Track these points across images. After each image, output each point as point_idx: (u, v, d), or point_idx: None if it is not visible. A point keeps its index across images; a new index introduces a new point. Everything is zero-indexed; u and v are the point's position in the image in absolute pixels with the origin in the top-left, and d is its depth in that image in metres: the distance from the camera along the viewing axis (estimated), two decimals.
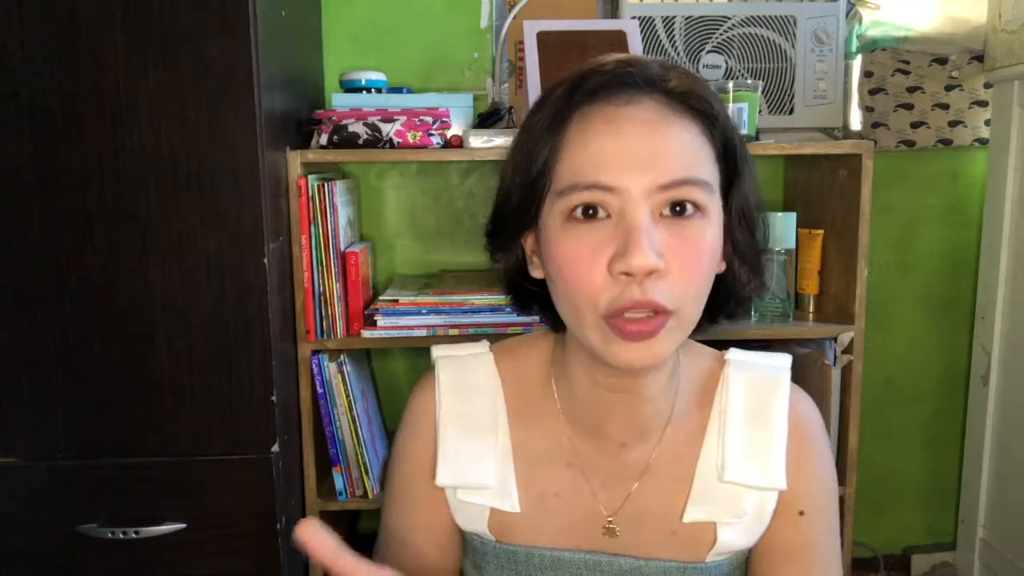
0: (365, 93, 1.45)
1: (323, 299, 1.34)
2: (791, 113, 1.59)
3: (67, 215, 1.12)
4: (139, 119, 1.10)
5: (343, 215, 1.37)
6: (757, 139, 1.40)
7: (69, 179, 1.11)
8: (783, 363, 0.78)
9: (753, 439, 0.72)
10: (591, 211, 0.61)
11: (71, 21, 1.08)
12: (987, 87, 1.68)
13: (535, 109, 0.66)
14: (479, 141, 1.33)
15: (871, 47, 1.67)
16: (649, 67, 0.64)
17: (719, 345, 0.80)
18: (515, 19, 1.53)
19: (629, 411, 0.71)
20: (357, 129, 1.32)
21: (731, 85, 1.36)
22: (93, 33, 1.08)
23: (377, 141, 1.32)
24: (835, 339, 1.39)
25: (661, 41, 1.56)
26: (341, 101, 1.42)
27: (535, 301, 0.74)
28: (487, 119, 1.42)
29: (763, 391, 0.74)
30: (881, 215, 1.71)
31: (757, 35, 1.57)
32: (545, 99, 0.66)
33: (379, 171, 1.67)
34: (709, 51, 1.57)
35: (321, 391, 1.34)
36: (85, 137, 1.10)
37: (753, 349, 0.79)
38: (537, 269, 0.69)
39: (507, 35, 1.57)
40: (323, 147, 1.33)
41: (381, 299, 1.38)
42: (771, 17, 1.56)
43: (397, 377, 1.73)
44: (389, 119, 1.33)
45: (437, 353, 0.80)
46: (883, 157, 1.68)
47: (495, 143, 1.32)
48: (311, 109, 1.43)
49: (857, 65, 1.68)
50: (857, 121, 1.70)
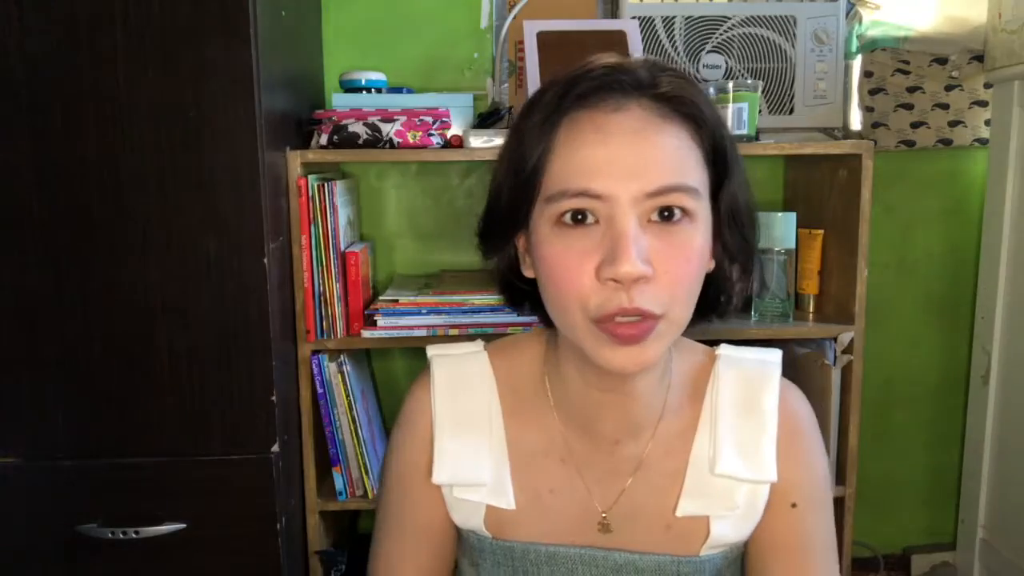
0: (365, 93, 1.45)
1: (323, 299, 1.34)
2: (791, 113, 1.59)
3: (67, 215, 1.12)
4: (139, 119, 1.10)
5: (343, 215, 1.37)
6: (757, 139, 1.40)
7: (69, 179, 1.11)
8: (773, 358, 0.78)
9: (744, 432, 0.73)
10: (580, 217, 0.61)
11: (71, 21, 1.08)
12: (987, 87, 1.68)
13: (525, 112, 0.67)
14: (479, 141, 1.33)
15: (871, 47, 1.67)
16: (638, 72, 0.64)
17: (718, 344, 0.80)
18: (515, 19, 1.53)
19: (621, 409, 0.72)
20: (357, 129, 1.32)
21: (731, 85, 1.36)
22: (93, 33, 1.08)
23: (377, 141, 1.32)
24: (835, 339, 1.39)
25: (661, 41, 1.56)
26: (341, 101, 1.42)
27: (527, 299, 0.76)
28: (487, 119, 1.42)
29: (753, 385, 0.74)
30: (881, 215, 1.71)
31: (757, 35, 1.57)
32: (535, 103, 0.66)
33: (379, 171, 1.67)
34: (709, 51, 1.57)
35: (321, 391, 1.34)
36: (85, 137, 1.10)
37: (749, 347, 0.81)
38: (529, 268, 0.70)
39: (507, 35, 1.57)
40: (323, 147, 1.33)
41: (381, 299, 1.38)
42: (771, 17, 1.56)
43: (397, 377, 1.73)
44: (389, 119, 1.33)
45: (432, 352, 0.81)
46: (883, 157, 1.68)
47: (495, 143, 1.32)
48: (311, 109, 1.43)
49: (857, 65, 1.68)
50: (857, 121, 1.70)
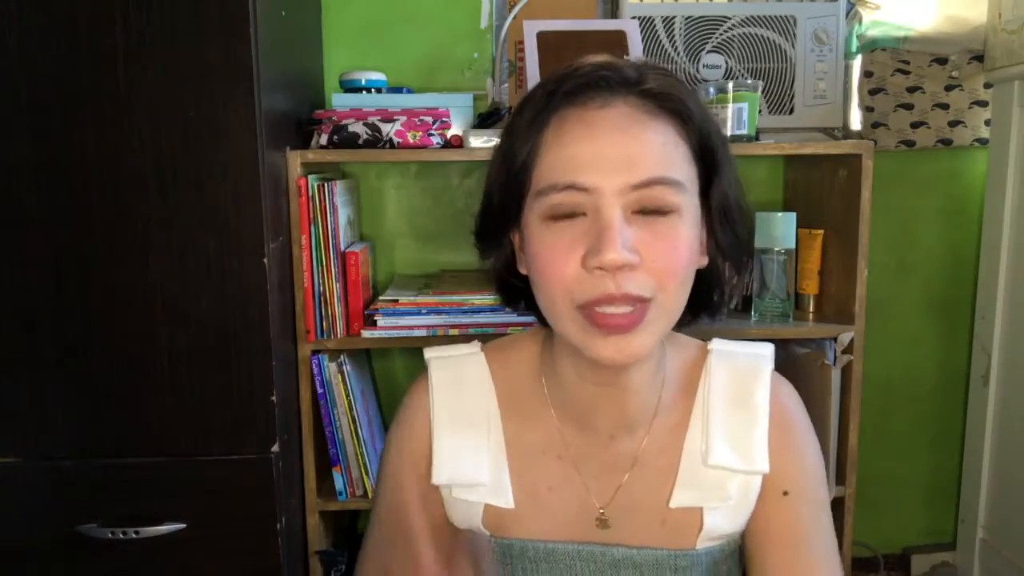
0: (365, 93, 1.45)
1: (323, 299, 1.34)
2: (791, 113, 1.59)
3: (67, 215, 1.12)
4: (139, 119, 1.10)
5: (343, 215, 1.37)
6: (757, 139, 1.40)
7: (69, 179, 1.11)
8: (765, 351, 0.79)
9: (735, 424, 0.74)
10: (568, 210, 0.64)
11: (71, 21, 1.08)
12: (987, 87, 1.68)
13: (517, 110, 0.70)
14: (479, 141, 1.33)
15: (871, 47, 1.67)
16: (625, 69, 0.66)
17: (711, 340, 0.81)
18: (515, 19, 1.53)
19: (616, 404, 0.73)
20: (357, 129, 1.32)
21: (731, 85, 1.36)
22: (93, 33, 1.08)
23: (377, 141, 1.32)
24: (835, 339, 1.39)
25: (661, 41, 1.56)
26: (341, 101, 1.42)
27: (523, 297, 0.77)
28: (487, 119, 1.42)
29: (744, 378, 0.76)
30: (881, 215, 1.71)
31: (757, 35, 1.57)
32: (526, 101, 0.69)
33: (379, 171, 1.67)
34: (709, 51, 1.57)
35: (321, 391, 1.34)
36: (85, 137, 1.10)
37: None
38: (523, 265, 0.72)
39: (507, 35, 1.57)
40: (323, 147, 1.33)
41: (381, 299, 1.38)
42: (771, 17, 1.56)
43: (397, 377, 1.73)
44: (389, 119, 1.33)
45: (430, 355, 0.82)
46: (883, 157, 1.68)
47: (495, 143, 1.31)
48: (311, 109, 1.43)
49: (857, 65, 1.68)
50: (857, 121, 1.70)
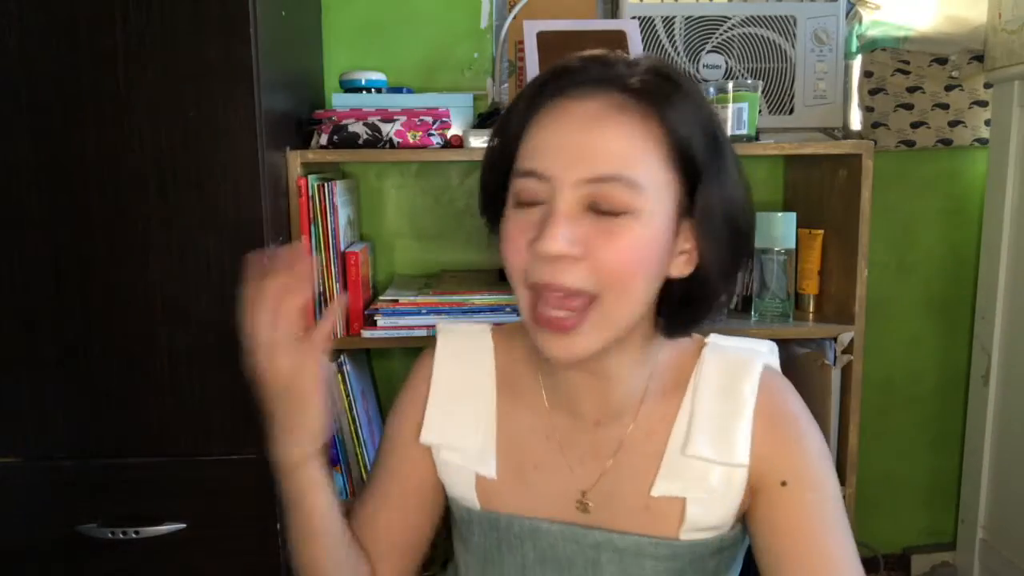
0: (365, 93, 1.45)
1: (323, 299, 1.34)
2: (791, 113, 1.59)
3: (67, 215, 1.12)
4: (139, 119, 1.10)
5: (343, 215, 1.37)
6: (757, 139, 1.40)
7: (69, 179, 1.11)
8: (761, 347, 0.79)
9: (719, 416, 0.73)
10: (529, 197, 0.66)
11: (71, 21, 1.08)
12: (987, 87, 1.68)
13: (511, 104, 0.71)
14: (479, 141, 1.33)
15: (871, 47, 1.67)
16: (618, 65, 0.66)
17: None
18: (515, 19, 1.53)
19: (598, 391, 0.74)
20: (357, 129, 1.32)
21: (731, 85, 1.36)
22: (93, 33, 1.08)
23: (377, 141, 1.32)
24: (835, 339, 1.39)
25: (661, 41, 1.56)
26: (341, 101, 1.42)
27: None
28: (487, 119, 1.42)
29: (734, 371, 0.75)
30: (881, 215, 1.71)
31: (757, 35, 1.57)
32: (520, 95, 0.70)
33: (379, 171, 1.67)
34: (709, 51, 1.57)
35: None
36: (85, 137, 1.10)
37: None
38: None
39: (507, 35, 1.57)
40: (323, 147, 1.33)
41: (381, 299, 1.38)
42: (771, 17, 1.56)
43: (397, 377, 1.73)
44: (389, 119, 1.33)
45: (441, 326, 0.85)
46: (883, 157, 1.68)
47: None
48: (311, 109, 1.43)
49: (857, 65, 1.68)
50: (857, 121, 1.70)
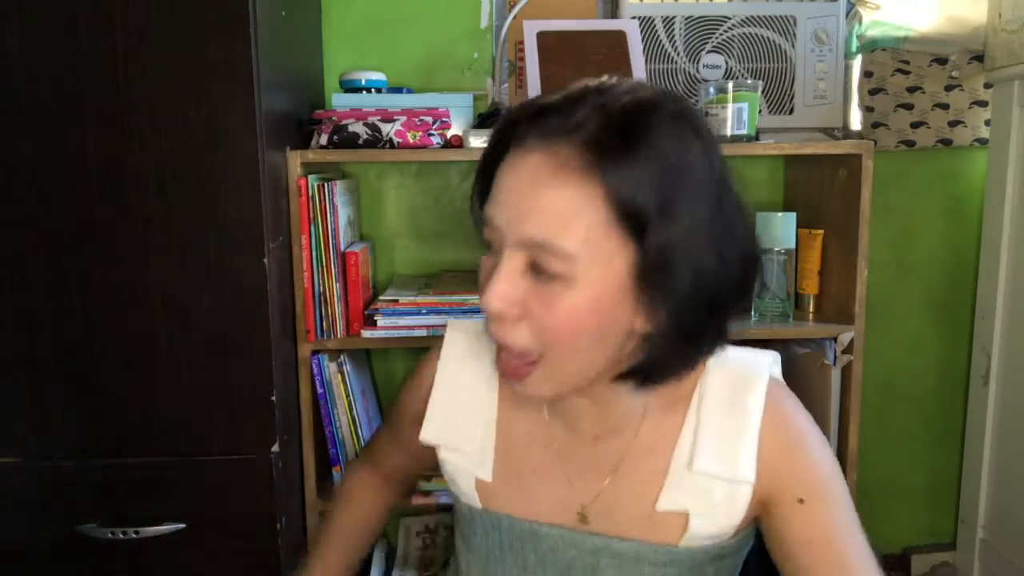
0: (365, 93, 1.45)
1: (323, 299, 1.34)
2: (791, 113, 1.59)
3: (67, 215, 1.12)
4: (139, 119, 1.10)
5: (343, 215, 1.37)
6: (757, 139, 1.40)
7: (69, 179, 1.11)
8: (765, 359, 0.77)
9: (724, 431, 0.72)
10: (488, 243, 0.66)
11: (71, 21, 1.08)
12: (987, 87, 1.68)
13: (494, 130, 0.69)
14: (479, 141, 1.33)
15: (871, 47, 1.66)
16: (574, 112, 0.61)
17: None
18: (515, 19, 1.53)
19: (594, 410, 0.74)
20: (357, 129, 1.32)
21: (731, 85, 1.36)
22: (93, 33, 1.08)
23: (377, 141, 1.32)
24: (835, 339, 1.39)
25: (661, 41, 1.56)
26: (341, 101, 1.42)
27: None
28: (487, 119, 1.42)
29: (739, 384, 0.74)
30: (881, 215, 1.71)
31: (757, 35, 1.57)
32: (497, 125, 0.68)
33: (379, 171, 1.67)
34: (709, 51, 1.57)
35: (321, 391, 1.34)
36: (85, 137, 1.10)
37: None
38: None
39: (507, 35, 1.57)
40: (323, 147, 1.33)
41: (381, 299, 1.38)
42: (771, 17, 1.56)
43: (397, 377, 1.73)
44: (389, 119, 1.33)
45: (451, 322, 0.86)
46: (883, 157, 1.68)
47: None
48: (311, 109, 1.43)
49: (857, 65, 1.68)
50: (857, 121, 1.70)
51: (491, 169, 0.66)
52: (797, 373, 1.51)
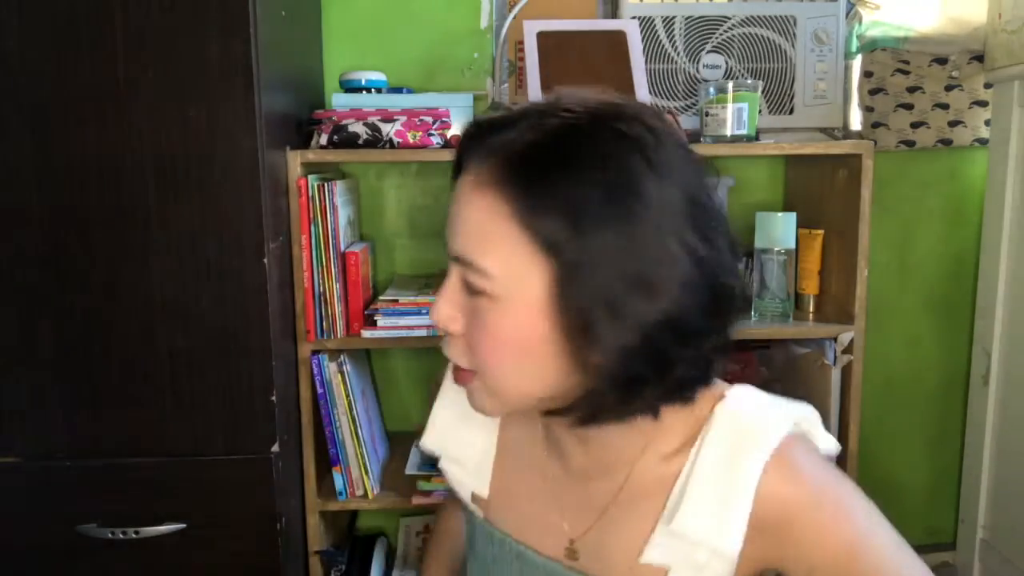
0: (365, 93, 1.45)
1: (323, 299, 1.34)
2: (791, 113, 1.59)
3: (67, 215, 1.12)
4: (139, 119, 1.10)
5: (343, 215, 1.37)
6: (757, 139, 1.40)
7: (69, 179, 1.11)
8: (787, 416, 0.67)
9: (715, 493, 0.65)
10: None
11: (71, 21, 1.08)
12: (987, 87, 1.68)
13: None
14: None
15: (871, 47, 1.67)
16: (508, 130, 0.60)
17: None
18: (515, 19, 1.53)
19: (581, 447, 0.71)
20: (357, 129, 1.32)
21: (731, 85, 1.36)
22: (93, 33, 1.08)
23: (377, 141, 1.32)
24: (835, 339, 1.39)
25: (661, 41, 1.56)
26: (341, 101, 1.42)
27: None
28: None
29: (743, 443, 0.65)
30: (881, 215, 1.71)
31: (757, 35, 1.57)
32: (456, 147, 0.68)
33: (379, 171, 1.67)
34: (709, 51, 1.57)
35: (321, 391, 1.34)
36: (85, 137, 1.10)
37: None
38: None
39: (507, 35, 1.57)
40: (323, 147, 1.33)
41: (381, 299, 1.38)
42: (771, 17, 1.56)
43: (397, 377, 1.73)
44: (389, 119, 1.33)
45: None
46: (883, 157, 1.68)
47: None
48: (311, 109, 1.43)
49: (857, 65, 1.68)
50: (857, 121, 1.70)
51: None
52: (797, 373, 1.51)
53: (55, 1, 1.07)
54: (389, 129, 1.32)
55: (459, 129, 1.41)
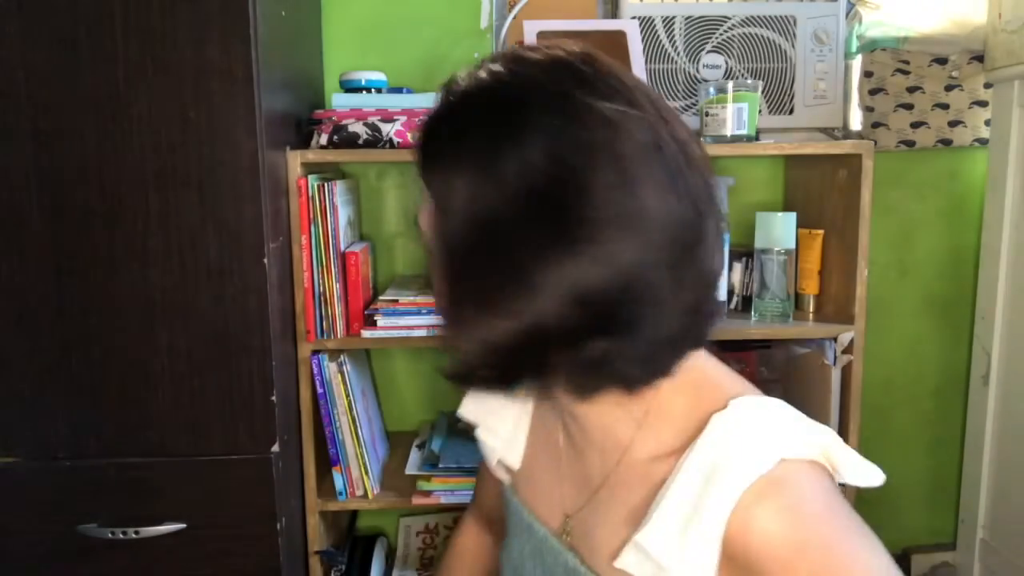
0: (365, 93, 1.45)
1: (323, 299, 1.34)
2: (791, 113, 1.59)
3: (67, 215, 1.12)
4: (139, 119, 1.10)
5: (343, 215, 1.37)
6: (757, 139, 1.40)
7: (69, 179, 1.11)
8: (769, 447, 0.58)
9: (684, 516, 0.60)
10: None
11: (71, 21, 1.08)
12: (987, 87, 1.68)
13: None
14: None
15: (871, 47, 1.67)
16: (431, 122, 0.68)
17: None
18: (515, 19, 1.53)
19: (572, 420, 0.72)
20: (357, 129, 1.32)
21: (731, 85, 1.36)
22: (93, 33, 1.08)
23: (377, 141, 1.32)
24: (835, 339, 1.39)
25: (661, 41, 1.56)
26: (341, 101, 1.42)
27: None
28: None
29: (721, 468, 0.58)
30: (881, 215, 1.71)
31: (757, 35, 1.57)
32: None
33: (379, 171, 1.67)
34: (709, 51, 1.57)
35: (321, 391, 1.34)
36: (85, 137, 1.10)
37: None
38: None
39: (507, 35, 1.57)
40: (323, 147, 1.33)
41: (381, 299, 1.38)
42: (771, 17, 1.56)
43: (397, 377, 1.73)
44: (389, 119, 1.33)
45: None
46: (883, 157, 1.68)
47: None
48: (311, 109, 1.43)
49: (857, 65, 1.68)
50: (857, 121, 1.70)
51: None
52: (797, 373, 1.51)
53: (55, 1, 1.07)
54: (389, 129, 1.32)
55: None
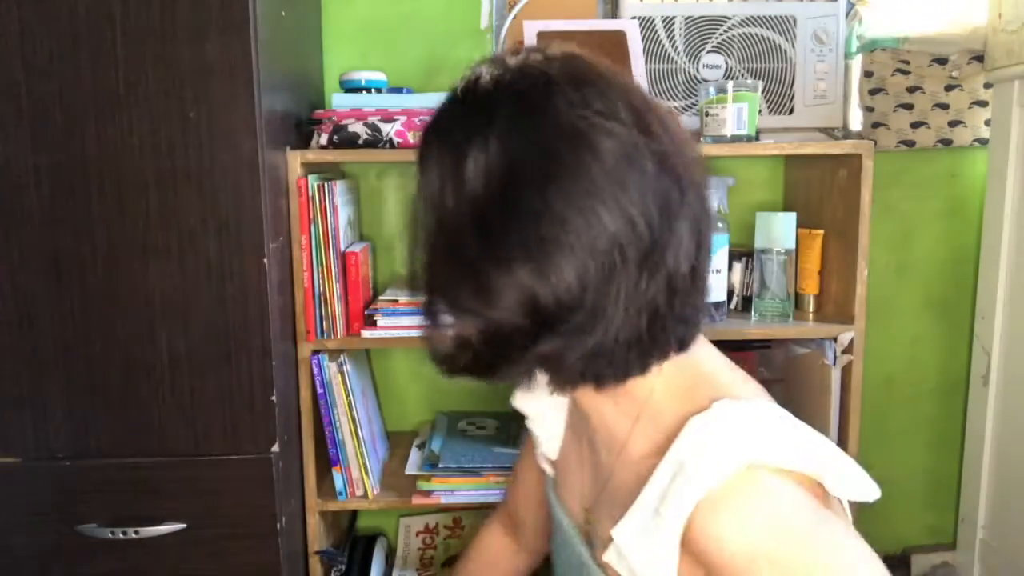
0: (365, 93, 1.45)
1: (323, 299, 1.34)
2: (791, 113, 1.59)
3: (67, 215, 1.12)
4: (139, 119, 1.10)
5: (343, 215, 1.37)
6: (757, 139, 1.40)
7: (69, 179, 1.11)
8: (742, 448, 0.57)
9: (647, 517, 0.60)
10: None
11: (71, 21, 1.08)
12: (987, 87, 1.68)
13: None
14: None
15: (871, 47, 1.66)
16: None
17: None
18: (515, 19, 1.53)
19: (585, 417, 0.75)
20: (357, 129, 1.32)
21: (731, 85, 1.36)
22: (93, 33, 1.08)
23: (377, 141, 1.32)
24: (835, 339, 1.39)
25: (661, 41, 1.56)
26: (341, 101, 1.42)
27: None
28: None
29: (688, 469, 0.58)
30: (881, 215, 1.71)
31: (757, 35, 1.57)
32: None
33: (379, 171, 1.67)
34: (709, 51, 1.57)
35: (321, 391, 1.34)
36: (85, 137, 1.10)
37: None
38: None
39: (507, 35, 1.57)
40: (323, 147, 1.33)
41: (381, 299, 1.38)
42: (771, 17, 1.56)
43: (397, 377, 1.73)
44: (389, 119, 1.33)
45: None
46: (883, 157, 1.68)
47: None
48: (311, 109, 1.43)
49: (857, 65, 1.68)
50: (857, 121, 1.70)
51: None
52: (797, 373, 1.51)
53: (55, 1, 1.07)
54: (389, 129, 1.32)
55: None
